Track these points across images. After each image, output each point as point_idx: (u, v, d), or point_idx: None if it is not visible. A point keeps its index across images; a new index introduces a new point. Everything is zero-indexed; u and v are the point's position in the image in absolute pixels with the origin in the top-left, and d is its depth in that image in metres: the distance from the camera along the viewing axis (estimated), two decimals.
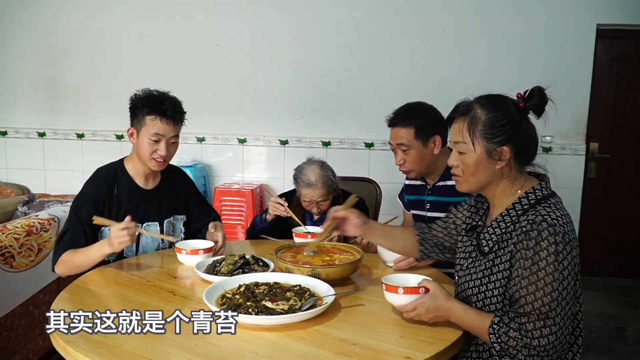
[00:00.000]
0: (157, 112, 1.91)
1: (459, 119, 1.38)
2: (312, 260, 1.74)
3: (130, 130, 1.98)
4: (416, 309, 1.34)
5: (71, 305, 1.48)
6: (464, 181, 1.40)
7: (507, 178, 1.36)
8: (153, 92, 1.97)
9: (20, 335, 2.33)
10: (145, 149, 1.93)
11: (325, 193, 2.27)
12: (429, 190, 2.14)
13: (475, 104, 1.37)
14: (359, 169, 4.02)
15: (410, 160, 2.04)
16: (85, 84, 4.33)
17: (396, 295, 1.37)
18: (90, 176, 2.01)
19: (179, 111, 1.97)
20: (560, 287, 1.22)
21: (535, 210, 1.29)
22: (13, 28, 4.32)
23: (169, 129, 1.93)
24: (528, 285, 1.24)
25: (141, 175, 2.02)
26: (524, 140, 1.34)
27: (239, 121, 4.24)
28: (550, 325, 1.21)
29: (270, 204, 2.24)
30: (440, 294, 1.34)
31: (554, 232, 1.23)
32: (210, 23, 4.17)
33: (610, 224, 4.23)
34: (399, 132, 2.04)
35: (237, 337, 1.28)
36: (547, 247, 1.23)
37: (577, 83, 3.94)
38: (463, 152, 1.37)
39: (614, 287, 4.07)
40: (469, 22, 3.97)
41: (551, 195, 1.36)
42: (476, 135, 1.34)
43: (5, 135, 4.44)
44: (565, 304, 1.23)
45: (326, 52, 4.10)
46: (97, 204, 1.93)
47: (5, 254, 2.21)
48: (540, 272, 1.22)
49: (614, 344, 3.15)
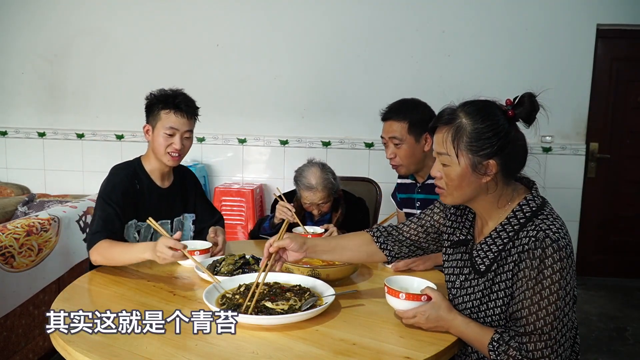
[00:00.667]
0: (171, 105, 1.96)
1: (442, 127, 1.29)
2: (312, 260, 1.74)
3: (146, 128, 2.02)
4: (416, 316, 1.32)
5: (71, 305, 1.48)
6: (447, 194, 1.32)
7: (493, 192, 1.29)
8: (167, 90, 2.02)
9: (20, 335, 2.33)
10: (161, 143, 1.96)
11: (325, 196, 2.26)
12: (419, 188, 2.16)
13: (460, 112, 1.27)
14: (359, 169, 4.02)
15: (401, 155, 2.05)
16: (85, 84, 4.33)
17: (398, 300, 1.36)
18: (111, 171, 2.01)
19: (193, 106, 2.02)
20: (563, 304, 1.19)
21: (534, 225, 1.23)
22: (13, 28, 4.32)
23: (183, 123, 1.97)
24: (531, 306, 1.19)
25: (158, 174, 2.05)
26: (512, 153, 1.26)
27: (239, 121, 4.24)
28: (551, 346, 1.18)
29: (279, 208, 2.22)
30: (442, 305, 1.31)
31: (558, 247, 1.18)
32: (210, 23, 4.17)
33: (610, 224, 4.23)
34: (392, 125, 2.05)
35: (237, 337, 1.28)
36: (551, 265, 1.17)
37: (577, 83, 3.94)
38: (446, 165, 1.28)
39: (614, 287, 4.07)
40: (469, 22, 3.98)
41: (543, 204, 1.29)
42: (461, 147, 1.25)
43: (5, 135, 4.44)
44: (568, 320, 1.21)
45: (326, 52, 4.10)
46: (125, 193, 1.93)
47: (5, 254, 2.21)
48: (544, 292, 1.18)
49: (614, 344, 3.15)
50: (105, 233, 1.83)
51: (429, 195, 2.08)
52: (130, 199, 1.94)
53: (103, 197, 1.92)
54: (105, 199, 1.91)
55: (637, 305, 3.76)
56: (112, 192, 1.92)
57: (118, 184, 1.94)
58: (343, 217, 2.32)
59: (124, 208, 1.91)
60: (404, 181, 2.28)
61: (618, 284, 4.15)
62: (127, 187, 1.95)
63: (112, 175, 1.98)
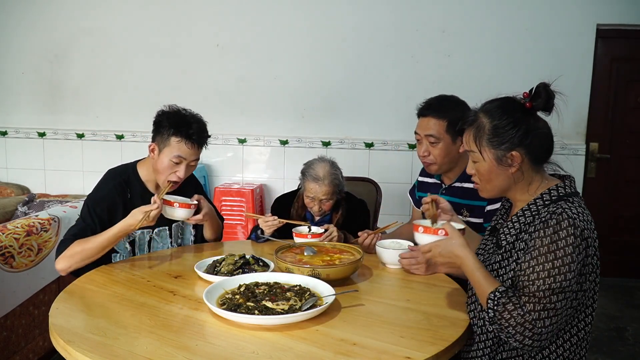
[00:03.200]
0: (184, 134, 1.87)
1: (467, 129, 1.39)
2: (312, 260, 1.74)
3: (151, 147, 1.93)
4: (431, 250, 1.36)
5: (71, 305, 1.48)
6: (482, 188, 1.42)
7: (521, 181, 1.36)
8: (181, 111, 1.93)
9: (20, 335, 2.33)
10: (165, 168, 1.90)
11: (330, 192, 2.23)
12: (444, 190, 2.09)
13: (480, 112, 1.37)
14: (359, 169, 4.02)
15: (436, 154, 1.99)
16: (85, 84, 4.33)
17: (417, 233, 1.40)
18: (103, 178, 1.97)
19: (205, 135, 1.94)
20: (570, 280, 1.21)
21: (557, 205, 1.28)
22: (13, 28, 4.32)
23: (192, 153, 1.91)
24: (540, 271, 1.22)
25: (153, 185, 2.01)
26: (535, 141, 1.33)
27: (239, 121, 4.24)
28: (551, 316, 1.21)
29: (262, 225, 2.14)
30: (457, 241, 1.34)
31: (574, 224, 1.22)
32: (210, 23, 4.17)
33: (610, 224, 4.23)
34: (430, 122, 1.97)
35: (237, 337, 1.28)
36: (565, 237, 1.22)
37: (577, 83, 3.94)
38: (476, 161, 1.39)
39: (614, 287, 4.07)
40: (469, 22, 3.98)
41: (574, 194, 1.35)
42: (483, 144, 1.35)
43: (5, 135, 4.44)
44: (569, 300, 1.23)
45: (326, 52, 4.10)
46: (111, 208, 1.89)
47: (5, 254, 2.21)
48: (555, 260, 1.21)
49: (614, 344, 3.15)
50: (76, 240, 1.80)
51: (454, 198, 2.02)
52: (116, 213, 1.89)
53: (89, 205, 1.89)
54: (90, 208, 1.88)
55: (637, 305, 3.76)
56: (98, 204, 1.88)
57: (106, 197, 1.90)
58: (343, 219, 2.31)
59: (106, 223, 1.85)
60: (426, 180, 2.21)
61: (618, 284, 4.15)
62: (115, 200, 1.90)
63: (104, 183, 1.95)
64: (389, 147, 4.07)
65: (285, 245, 1.89)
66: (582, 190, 4.08)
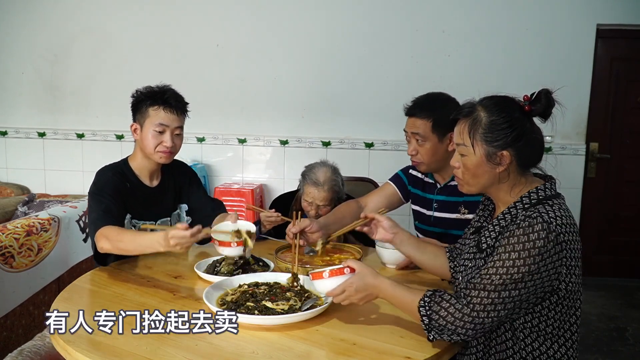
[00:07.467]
0: (160, 101, 1.90)
1: (462, 120, 1.37)
2: (312, 260, 1.74)
3: (133, 126, 1.95)
4: (345, 291, 1.33)
5: (71, 305, 1.48)
6: (464, 183, 1.40)
7: (507, 181, 1.34)
8: (154, 87, 1.96)
9: (20, 335, 2.33)
10: (150, 141, 1.90)
11: (328, 198, 2.22)
12: (439, 190, 2.08)
13: (478, 106, 1.35)
14: (359, 169, 4.02)
15: (423, 153, 1.98)
16: (85, 84, 4.33)
17: (323, 280, 1.35)
18: (98, 173, 1.95)
19: (182, 101, 1.96)
20: (526, 280, 1.19)
21: (535, 209, 1.27)
22: (13, 28, 4.32)
23: (173, 119, 1.91)
24: (498, 264, 1.21)
25: (146, 173, 2.00)
26: (527, 145, 1.31)
27: (239, 121, 4.24)
28: (495, 300, 1.20)
29: (263, 220, 2.12)
30: (367, 272, 1.33)
31: (547, 229, 1.20)
32: (210, 23, 4.17)
33: (610, 224, 4.23)
34: (416, 122, 1.96)
35: (237, 337, 1.28)
36: (534, 240, 1.19)
37: (577, 83, 3.94)
38: (464, 155, 1.36)
39: (614, 287, 4.07)
40: (469, 22, 3.97)
41: (555, 196, 1.33)
42: (476, 138, 1.32)
43: (5, 135, 4.44)
44: (523, 297, 1.21)
45: (326, 52, 4.10)
46: (117, 189, 1.88)
47: (5, 254, 2.21)
48: (517, 259, 1.19)
49: (614, 344, 3.15)
50: (107, 221, 1.75)
51: (449, 197, 2.02)
52: (122, 195, 1.88)
53: (96, 194, 1.85)
54: (98, 195, 1.84)
55: (637, 305, 3.76)
56: (104, 188, 1.86)
57: (109, 181, 1.88)
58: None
59: (118, 204, 1.84)
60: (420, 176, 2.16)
61: (618, 284, 4.15)
62: (118, 184, 1.90)
63: (101, 175, 1.93)
64: (389, 147, 4.07)
65: (285, 245, 1.89)
66: (582, 190, 4.08)
